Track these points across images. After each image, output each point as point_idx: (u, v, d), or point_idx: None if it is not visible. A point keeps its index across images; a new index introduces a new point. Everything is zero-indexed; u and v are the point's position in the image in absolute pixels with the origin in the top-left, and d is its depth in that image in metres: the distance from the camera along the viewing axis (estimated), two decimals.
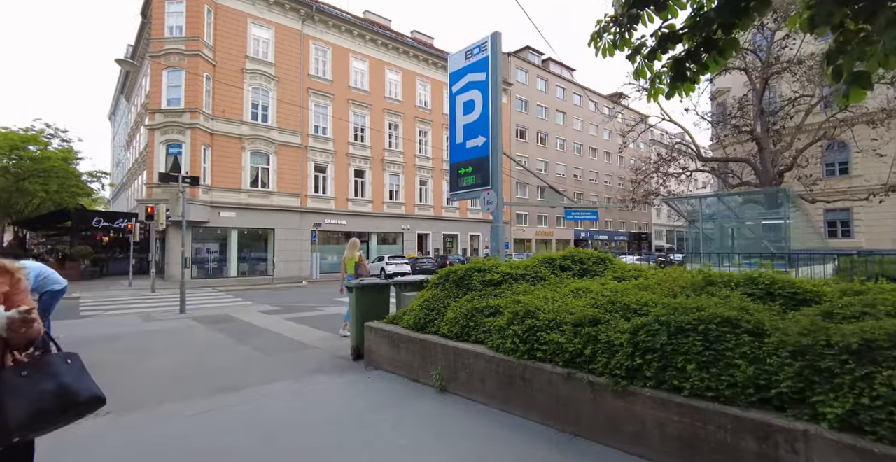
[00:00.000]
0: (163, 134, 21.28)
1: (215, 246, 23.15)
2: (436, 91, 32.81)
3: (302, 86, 25.76)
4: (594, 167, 47.94)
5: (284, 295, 13.87)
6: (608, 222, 50.13)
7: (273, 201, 24.39)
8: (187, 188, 20.61)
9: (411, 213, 30.84)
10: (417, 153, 31.37)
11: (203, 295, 14.03)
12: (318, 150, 26.37)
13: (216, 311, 9.55)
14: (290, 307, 10.32)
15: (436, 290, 4.67)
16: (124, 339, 6.42)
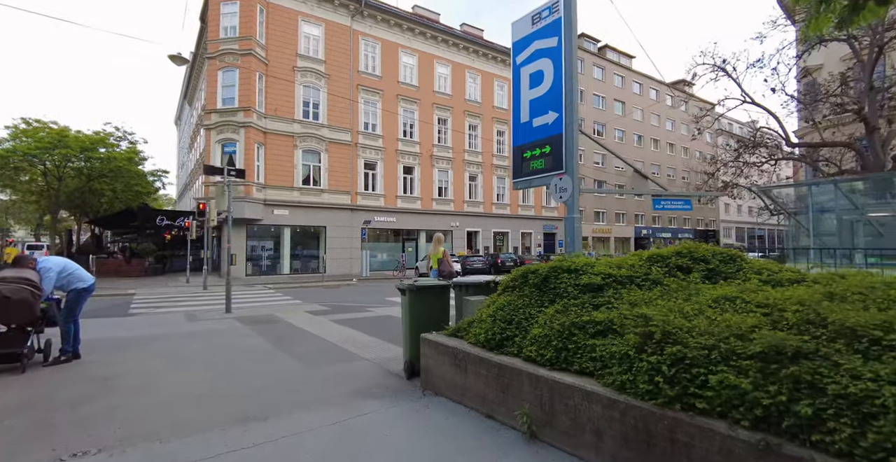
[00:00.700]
0: (218, 133, 21.66)
1: (269, 243, 23.38)
2: (486, 83, 31.64)
3: (352, 82, 25.51)
4: (656, 159, 44.79)
5: (334, 293, 13.34)
6: (671, 219, 46.73)
7: (324, 199, 24.31)
8: (232, 182, 20.88)
9: (460, 209, 29.92)
10: (467, 148, 30.37)
11: (254, 293, 13.80)
12: (368, 147, 26.04)
13: (262, 311, 9.03)
14: (338, 307, 9.65)
15: (510, 296, 3.62)
16: (158, 343, 5.87)
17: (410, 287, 4.37)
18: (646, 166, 43.46)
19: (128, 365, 4.70)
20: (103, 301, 11.22)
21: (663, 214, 45.54)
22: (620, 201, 41.05)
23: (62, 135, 16.87)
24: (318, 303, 10.69)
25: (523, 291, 3.56)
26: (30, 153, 16.04)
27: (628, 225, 41.83)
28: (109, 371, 4.44)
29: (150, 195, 26.37)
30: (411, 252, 28.10)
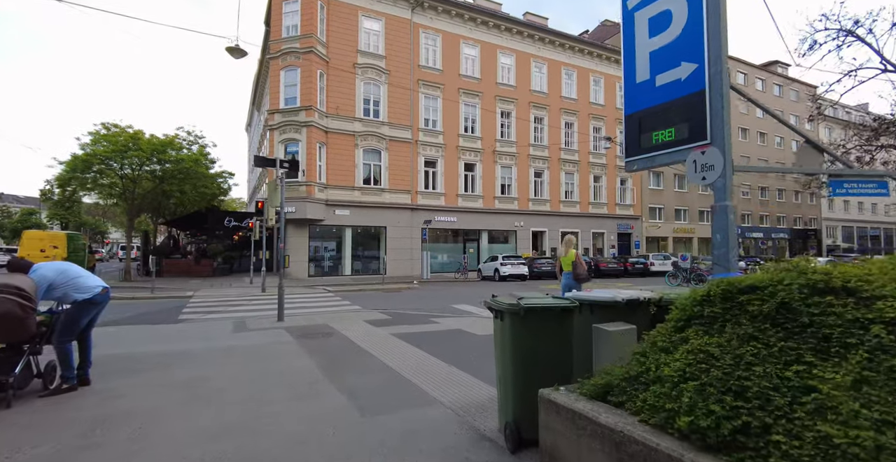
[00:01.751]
0: (281, 133, 21.56)
1: (331, 244, 23.00)
2: (553, 73, 29.52)
3: (412, 77, 24.62)
4: (745, 151, 39.97)
5: (395, 298, 12.18)
6: (763, 217, 41.54)
7: (384, 199, 23.57)
8: (293, 181, 20.49)
9: (525, 208, 28.05)
10: (532, 142, 28.44)
11: (312, 297, 13.00)
12: (428, 144, 25.00)
13: (317, 319, 7.98)
14: (400, 316, 8.40)
15: (712, 335, 2.01)
16: (189, 363, 4.85)
17: (513, 308, 2.88)
18: (734, 158, 38.82)
19: (136, 399, 3.63)
20: (160, 303, 10.85)
21: (754, 212, 40.60)
22: (704, 197, 36.96)
23: (135, 138, 17.26)
24: (378, 309, 9.52)
25: (740, 328, 1.94)
26: (107, 156, 16.47)
27: None
28: (108, 409, 3.38)
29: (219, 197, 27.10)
30: (473, 253, 26.68)
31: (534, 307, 2.86)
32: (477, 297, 12.33)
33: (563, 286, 7.27)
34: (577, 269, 7.14)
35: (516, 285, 18.29)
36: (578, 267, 7.16)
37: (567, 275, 7.21)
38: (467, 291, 14.76)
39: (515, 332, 2.87)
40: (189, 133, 22.25)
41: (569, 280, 7.22)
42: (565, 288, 7.21)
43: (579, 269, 7.17)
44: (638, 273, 25.20)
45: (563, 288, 7.24)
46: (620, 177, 32.07)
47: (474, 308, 10.01)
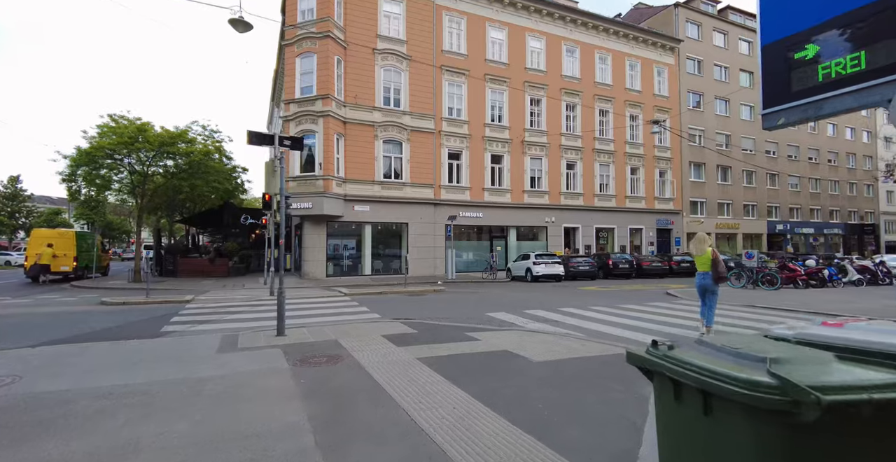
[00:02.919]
0: (297, 124, 20.28)
1: (350, 242, 21.65)
2: (586, 56, 27.42)
3: (435, 63, 23.01)
4: (793, 140, 36.86)
5: (420, 304, 10.60)
6: (815, 211, 38.30)
7: (406, 193, 22.07)
8: (310, 176, 19.22)
9: (556, 203, 26.12)
10: (564, 131, 26.45)
11: (325, 301, 11.56)
12: (452, 134, 23.36)
13: (325, 333, 6.48)
14: (427, 328, 6.83)
15: None
16: (133, 410, 3.37)
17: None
18: (781, 148, 35.92)
19: None
20: (151, 310, 9.56)
21: (804, 205, 37.47)
22: (750, 191, 34.19)
23: (141, 130, 16.19)
24: (400, 319, 7.96)
25: None
26: (112, 149, 15.44)
27: (759, 219, 34.74)
28: None
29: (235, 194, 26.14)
30: (501, 251, 24.92)
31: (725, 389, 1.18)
32: (513, 303, 10.65)
33: (699, 287, 6.83)
34: (718, 267, 6.57)
35: (551, 287, 16.49)
36: (719, 266, 6.58)
37: (704, 275, 6.67)
38: (500, 295, 13.07)
39: (678, 430, 1.21)
40: (204, 127, 21.25)
41: (705, 281, 6.68)
42: (700, 289, 6.78)
43: (720, 269, 6.61)
44: (684, 272, 22.95)
45: (699, 289, 6.82)
46: (659, 168, 29.72)
47: (515, 317, 8.35)
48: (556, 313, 8.85)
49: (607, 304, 10.53)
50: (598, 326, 7.41)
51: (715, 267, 6.56)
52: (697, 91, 31.91)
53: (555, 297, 12.33)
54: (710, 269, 6.57)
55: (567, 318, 8.30)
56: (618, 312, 9.02)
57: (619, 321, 7.94)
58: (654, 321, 7.96)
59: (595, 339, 6.19)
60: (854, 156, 40.92)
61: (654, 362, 1.56)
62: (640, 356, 1.61)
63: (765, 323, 7.77)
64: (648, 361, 1.58)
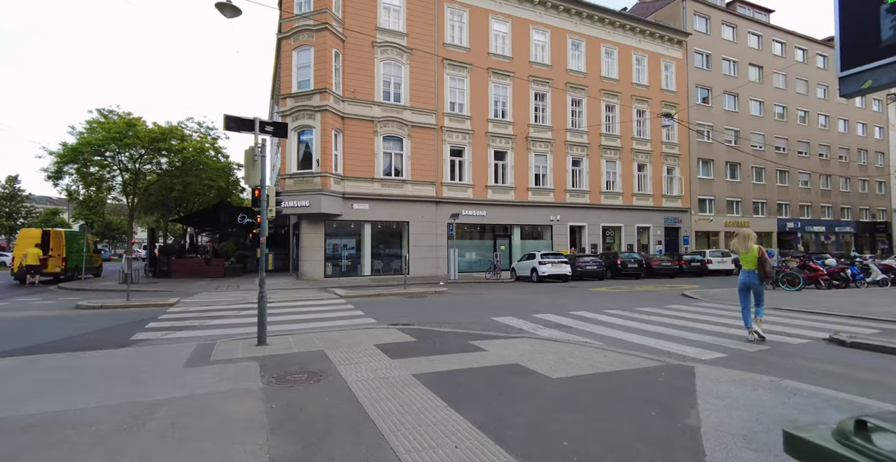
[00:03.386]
0: (294, 120, 19.61)
1: (350, 241, 20.96)
2: (591, 50, 26.65)
3: (436, 56, 22.29)
4: (804, 135, 35.98)
5: (420, 306, 9.88)
6: (826, 209, 37.40)
7: (407, 191, 21.37)
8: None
9: (561, 200, 25.37)
10: (569, 127, 25.70)
11: (318, 304, 10.87)
12: (454, 130, 22.64)
13: (314, 341, 5.81)
14: (427, 335, 6.15)
15: None
16: (39, 454, 2.66)
17: None
18: (791, 144, 35.03)
19: None
20: (128, 315, 8.87)
21: (815, 203, 36.57)
22: (759, 188, 33.34)
23: (131, 125, 15.53)
24: (397, 324, 7.26)
25: None
26: (99, 144, 14.78)
27: (769, 217, 33.87)
28: None
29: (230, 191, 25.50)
30: (504, 250, 24.20)
31: None
32: (520, 305, 9.93)
33: (742, 286, 6.49)
34: (766, 266, 6.32)
35: (558, 288, 15.76)
36: (766, 263, 6.32)
37: (750, 273, 6.39)
38: (505, 296, 12.35)
39: None
40: (199, 124, 20.64)
41: (750, 279, 6.39)
42: (744, 288, 6.46)
43: (768, 267, 6.35)
44: (694, 272, 22.22)
45: (741, 288, 6.50)
46: (667, 165, 28.92)
47: (523, 323, 7.63)
48: (568, 318, 8.13)
49: (622, 306, 9.80)
50: (617, 333, 6.68)
51: (762, 265, 6.27)
52: (706, 86, 31.08)
53: (564, 299, 11.61)
54: (757, 267, 6.29)
55: (580, 323, 7.58)
56: (635, 317, 8.29)
57: (638, 327, 7.21)
58: (676, 327, 7.23)
59: (616, 349, 5.47)
60: (865, 152, 39.98)
61: None
62: (823, 448, 0.87)
63: (807, 328, 7.03)
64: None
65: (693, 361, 4.91)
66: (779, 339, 6.21)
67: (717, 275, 22.85)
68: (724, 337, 6.35)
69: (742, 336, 6.29)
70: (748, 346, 5.68)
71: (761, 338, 6.04)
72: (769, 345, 5.72)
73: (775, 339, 6.18)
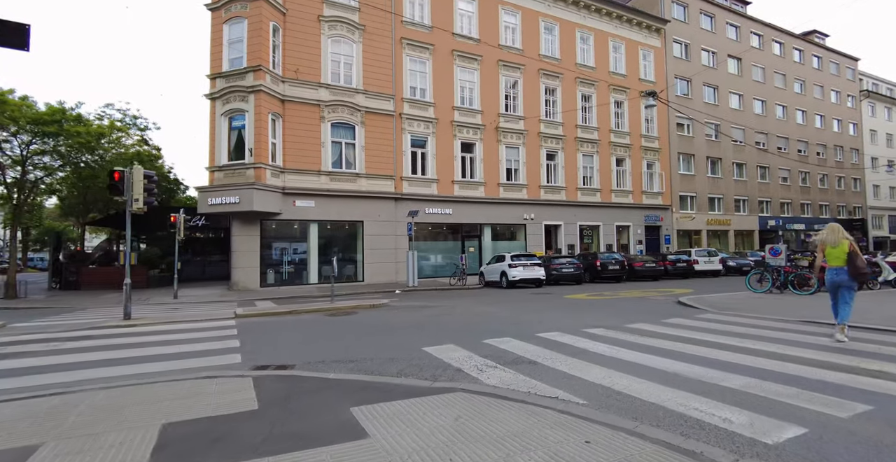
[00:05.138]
0: (224, 103, 16.83)
1: (294, 245, 18.18)
2: (566, 35, 24.66)
3: (394, 35, 19.82)
4: (783, 130, 34.93)
5: (335, 329, 7.29)
6: (805, 206, 36.45)
7: (361, 186, 18.76)
8: (244, 164, 15.71)
9: (536, 197, 23.18)
10: (543, 117, 23.57)
11: (198, 324, 8.22)
12: (416, 118, 20.18)
13: (39, 431, 3.11)
14: (292, 390, 3.81)
15: None
16: None
17: None
18: (770, 139, 33.87)
19: None
20: None
21: (795, 200, 35.53)
22: (741, 184, 31.97)
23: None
24: (267, 368, 4.71)
25: None
26: None
27: (751, 214, 32.54)
28: None
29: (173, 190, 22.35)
30: (474, 253, 21.82)
31: None
32: (474, 323, 7.47)
33: (831, 285, 5.85)
34: (858, 261, 5.60)
35: (531, 294, 13.40)
36: (858, 259, 5.61)
37: (839, 271, 5.74)
38: (462, 309, 9.87)
39: None
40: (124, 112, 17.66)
41: (839, 277, 5.74)
42: (833, 288, 5.82)
43: (860, 262, 5.62)
44: (679, 274, 20.25)
45: (830, 288, 5.87)
46: (647, 160, 27.11)
47: (466, 356, 5.12)
48: (535, 344, 5.69)
49: (607, 322, 7.46)
50: (606, 375, 4.26)
51: (854, 261, 5.62)
52: (685, 77, 29.52)
53: (533, 312, 9.22)
54: (847, 263, 5.65)
55: (551, 354, 5.15)
56: (626, 340, 5.92)
57: (635, 361, 4.81)
58: (692, 358, 4.84)
59: (615, 419, 3.03)
60: (841, 148, 39.35)
61: None
62: None
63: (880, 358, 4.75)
64: None
65: (754, 452, 2.54)
66: (882, 387, 3.81)
67: (704, 276, 20.97)
68: (778, 381, 3.98)
69: (812, 379, 3.96)
70: (836, 409, 3.30)
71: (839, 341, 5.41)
72: (873, 402, 3.38)
73: (875, 387, 3.80)
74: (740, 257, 23.95)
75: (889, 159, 42.30)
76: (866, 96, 41.77)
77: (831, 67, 39.65)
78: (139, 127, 19.32)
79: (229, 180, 16.42)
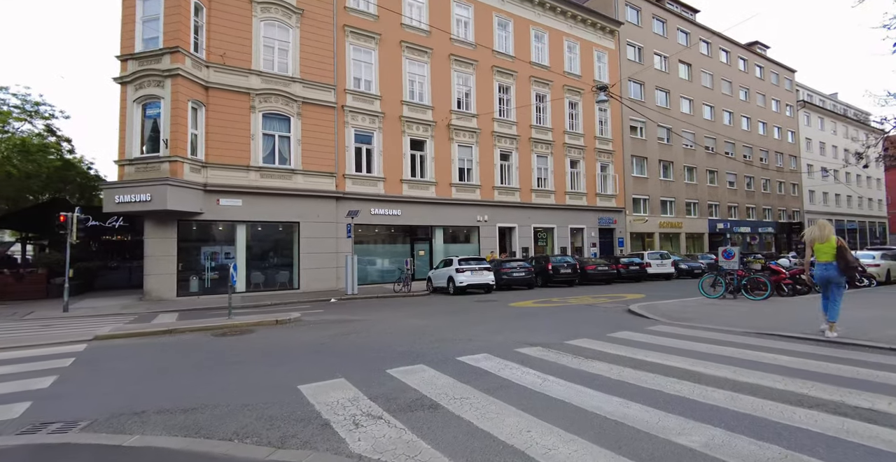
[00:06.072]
0: (137, 89, 14.82)
1: (220, 248, 16.30)
2: (520, 33, 23.98)
3: (336, 22, 18.36)
4: (730, 136, 35.91)
5: (205, 359, 5.80)
6: (750, 210, 37.64)
7: (297, 184, 17.13)
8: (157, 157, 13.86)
9: (489, 198, 22.27)
10: (497, 116, 22.73)
11: (40, 351, 6.55)
12: (360, 111, 18.77)
13: None
14: None
15: None
16: None
17: None
18: (718, 144, 34.71)
19: None
20: None
21: (741, 204, 36.59)
22: (691, 188, 32.47)
23: None
24: (49, 429, 3.24)
25: None
26: None
27: (701, 217, 33.11)
28: None
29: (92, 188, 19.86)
30: (424, 256, 20.61)
31: None
32: (390, 345, 6.22)
33: (821, 280, 5.94)
34: (847, 256, 5.69)
35: (475, 302, 12.30)
36: (847, 254, 5.71)
37: (828, 266, 5.83)
38: (387, 324, 8.58)
39: None
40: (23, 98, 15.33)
41: (829, 272, 5.83)
42: (824, 282, 5.91)
43: (850, 257, 5.74)
44: (632, 277, 19.83)
45: (821, 282, 5.96)
46: (601, 162, 26.86)
47: (350, 401, 3.78)
48: (451, 373, 4.50)
49: (547, 336, 6.42)
50: (528, 426, 3.10)
51: (843, 255, 5.76)
52: (638, 80, 29.61)
53: (470, 323, 8.09)
54: (836, 259, 5.79)
55: (467, 389, 3.96)
56: (566, 363, 4.85)
57: (573, 396, 3.70)
58: (647, 395, 3.77)
59: None
60: (782, 155, 41.06)
61: None
62: None
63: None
64: None
65: None
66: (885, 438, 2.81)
67: (657, 279, 20.67)
68: (751, 433, 2.93)
69: (794, 427, 2.96)
70: None
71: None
72: None
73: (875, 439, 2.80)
74: (692, 260, 23.97)
75: (823, 166, 44.61)
76: (802, 106, 43.91)
77: (772, 77, 41.36)
78: (43, 115, 16.86)
79: (141, 176, 14.44)
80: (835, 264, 5.78)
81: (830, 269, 5.81)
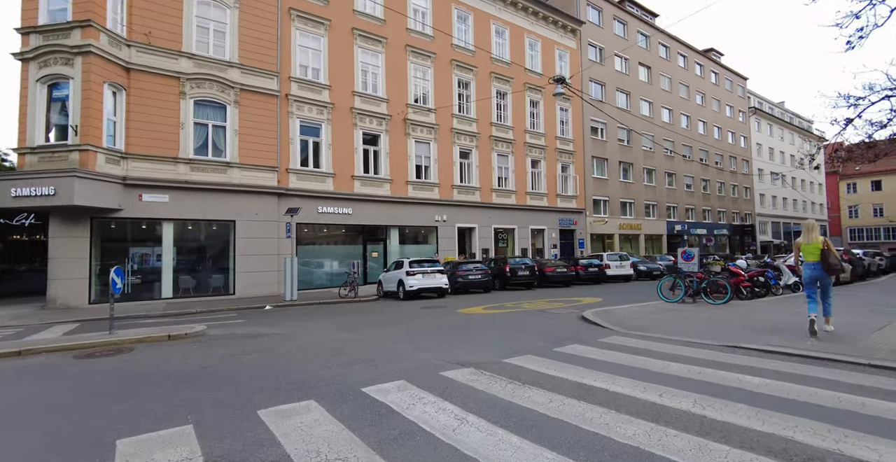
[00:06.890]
0: (40, 67, 12.96)
1: (139, 250, 14.53)
2: (480, 26, 23.20)
3: (281, 4, 16.94)
4: (687, 139, 36.55)
5: (91, 382, 4.60)
6: (706, 212, 38.46)
7: (233, 178, 15.59)
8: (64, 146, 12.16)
9: (448, 198, 21.35)
10: (456, 112, 21.84)
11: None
12: (307, 101, 17.42)
13: None
14: None
15: None
16: None
17: None
18: (677, 147, 35.23)
19: None
20: None
21: (698, 206, 37.32)
22: (650, 190, 32.72)
23: None
24: None
25: None
26: None
27: (659, 219, 33.44)
28: None
29: None
30: (378, 258, 19.43)
31: None
32: (285, 375, 5.10)
33: (808, 279, 6.10)
34: (830, 258, 5.88)
35: (420, 309, 11.28)
36: (831, 255, 5.90)
37: (815, 266, 6.03)
38: (303, 339, 7.42)
39: None
40: None
41: (816, 272, 6.04)
42: (811, 281, 6.07)
43: (833, 259, 5.89)
44: (591, 279, 19.39)
45: (808, 282, 6.10)
46: (562, 162, 26.48)
47: None
48: (341, 416, 3.42)
49: (485, 353, 5.50)
50: None
51: (826, 257, 5.84)
52: (599, 81, 29.49)
53: (404, 336, 7.06)
54: (821, 259, 5.89)
55: (349, 448, 2.92)
56: (496, 392, 3.90)
57: (491, 450, 2.75)
58: (589, 442, 2.89)
59: None
60: (735, 159, 42.29)
61: None
62: None
63: None
64: None
65: None
66: None
67: (617, 281, 20.35)
68: None
69: None
70: None
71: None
72: None
73: None
74: (650, 261, 23.90)
75: (772, 171, 46.36)
76: (753, 112, 45.48)
77: (726, 83, 42.58)
78: None
79: (45, 166, 12.61)
80: (820, 264, 5.98)
81: (817, 269, 6.02)
